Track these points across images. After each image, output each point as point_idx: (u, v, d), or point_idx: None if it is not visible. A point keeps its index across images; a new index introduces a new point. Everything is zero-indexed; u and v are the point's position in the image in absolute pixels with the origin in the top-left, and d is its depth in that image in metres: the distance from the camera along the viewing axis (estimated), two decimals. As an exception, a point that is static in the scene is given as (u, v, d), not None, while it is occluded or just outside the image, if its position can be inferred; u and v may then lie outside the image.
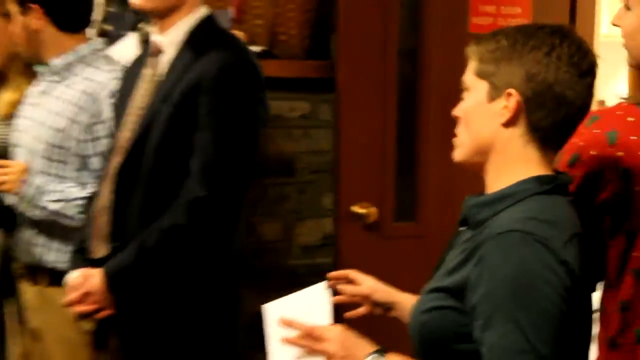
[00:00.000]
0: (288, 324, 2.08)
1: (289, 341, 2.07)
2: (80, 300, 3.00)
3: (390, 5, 4.10)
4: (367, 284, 2.42)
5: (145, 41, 3.18)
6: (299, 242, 4.24)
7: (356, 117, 4.12)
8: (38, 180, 3.33)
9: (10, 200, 3.43)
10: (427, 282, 2.19)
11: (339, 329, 2.04)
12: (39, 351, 3.45)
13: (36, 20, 3.39)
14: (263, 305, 2.25)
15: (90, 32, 3.84)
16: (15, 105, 3.64)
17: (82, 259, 3.13)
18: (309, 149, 4.20)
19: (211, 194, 2.89)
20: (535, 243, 1.87)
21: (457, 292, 1.96)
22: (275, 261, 4.17)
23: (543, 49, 2.00)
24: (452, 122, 2.14)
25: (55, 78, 3.43)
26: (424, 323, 2.05)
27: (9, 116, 3.64)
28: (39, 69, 3.53)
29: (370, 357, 1.96)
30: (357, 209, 4.11)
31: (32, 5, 3.38)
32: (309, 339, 2.04)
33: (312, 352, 2.04)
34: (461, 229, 2.14)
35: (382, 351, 1.98)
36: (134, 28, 3.78)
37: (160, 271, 2.96)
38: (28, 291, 3.49)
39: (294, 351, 2.08)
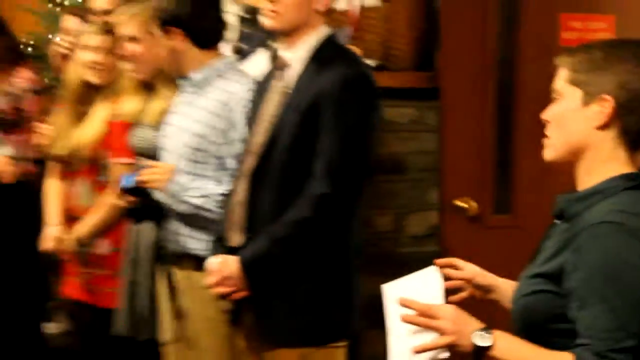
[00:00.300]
0: (405, 303, 2.06)
1: (406, 318, 2.05)
2: (219, 283, 3.06)
3: (488, 22, 4.08)
4: (469, 270, 2.40)
5: (274, 57, 3.20)
6: (408, 233, 4.25)
7: (459, 121, 4.11)
8: (182, 178, 3.37)
9: (158, 196, 3.48)
10: (524, 269, 2.18)
11: (451, 307, 2.02)
12: (186, 327, 3.49)
13: (178, 41, 3.43)
14: (382, 285, 2.24)
15: (226, 49, 3.89)
16: (162, 114, 3.68)
17: (220, 247, 3.18)
18: (416, 150, 4.21)
19: (334, 190, 2.92)
20: (625, 233, 1.88)
21: (555, 277, 1.97)
22: (387, 249, 4.18)
23: (633, 60, 2.00)
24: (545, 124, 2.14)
25: (196, 90, 3.45)
26: (526, 305, 2.05)
27: (158, 123, 3.68)
28: (181, 82, 3.56)
29: (479, 332, 1.95)
30: (459, 203, 4.10)
31: (173, 29, 3.41)
32: (423, 316, 2.01)
33: (426, 328, 2.01)
34: (556, 221, 2.13)
35: (488, 328, 1.97)
36: (264, 45, 3.81)
37: (289, 258, 2.99)
38: (176, 275, 3.53)
39: (410, 327, 2.05)
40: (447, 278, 2.36)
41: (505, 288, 2.37)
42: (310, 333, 3.05)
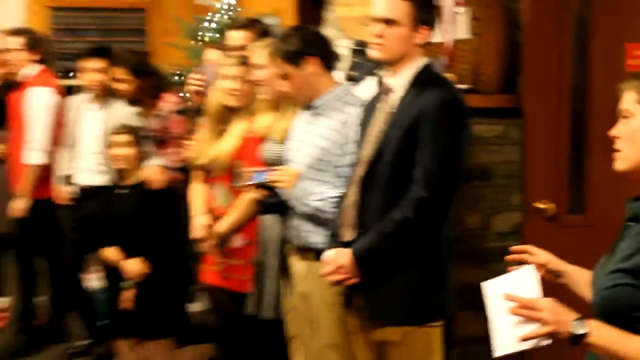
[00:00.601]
0: (510, 297, 2.04)
1: (511, 312, 2.03)
2: (334, 272, 3.09)
3: (563, 51, 4.04)
4: (542, 255, 2.37)
5: (380, 83, 3.21)
6: (494, 230, 4.22)
7: (538, 135, 4.06)
8: (305, 184, 3.41)
9: (284, 196, 3.51)
10: (596, 262, 2.20)
11: (550, 300, 2.01)
12: (306, 308, 3.53)
13: (313, 67, 3.44)
14: (482, 283, 2.23)
15: (340, 76, 3.93)
16: (286, 131, 3.73)
17: (335, 241, 3.21)
18: (501, 160, 4.19)
19: (431, 194, 2.93)
20: None
21: (636, 272, 1.97)
22: (476, 244, 4.17)
23: None
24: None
25: (318, 111, 3.48)
26: (608, 297, 2.05)
27: (283, 139, 3.73)
28: (304, 105, 3.58)
29: (576, 322, 1.95)
30: (539, 205, 4.05)
31: (309, 57, 3.42)
32: (526, 309, 2.00)
33: (529, 319, 2.00)
34: (629, 223, 2.12)
35: (583, 318, 1.97)
36: (371, 73, 3.85)
37: (394, 250, 3.01)
38: (297, 264, 3.57)
39: (513, 319, 2.03)
40: (521, 263, 2.36)
41: (575, 274, 2.36)
42: (412, 314, 3.06)
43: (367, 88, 3.59)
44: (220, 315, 4.36)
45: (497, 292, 2.13)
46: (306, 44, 3.44)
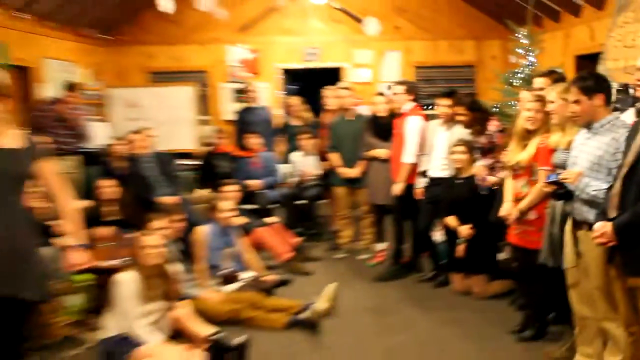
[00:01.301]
0: None
1: None
2: (601, 237, 3.04)
3: None
4: None
5: (639, 113, 3.09)
6: None
7: None
8: (586, 180, 3.32)
9: (570, 187, 3.37)
10: None
11: None
12: (581, 262, 3.45)
13: (598, 101, 3.30)
14: None
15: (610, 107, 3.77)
16: (569, 143, 3.61)
17: (603, 217, 3.10)
18: None
19: None
20: None
21: None
22: None
23: None
24: None
25: (595, 131, 3.35)
26: None
27: (567, 149, 3.63)
28: (583, 126, 3.43)
29: None
30: None
31: (598, 94, 3.29)
32: None
33: None
34: None
35: None
36: (632, 105, 3.68)
37: None
38: (576, 232, 3.47)
39: None
40: None
41: None
42: None
43: (630, 116, 3.46)
44: (519, 262, 4.38)
45: None
46: (598, 84, 3.32)
